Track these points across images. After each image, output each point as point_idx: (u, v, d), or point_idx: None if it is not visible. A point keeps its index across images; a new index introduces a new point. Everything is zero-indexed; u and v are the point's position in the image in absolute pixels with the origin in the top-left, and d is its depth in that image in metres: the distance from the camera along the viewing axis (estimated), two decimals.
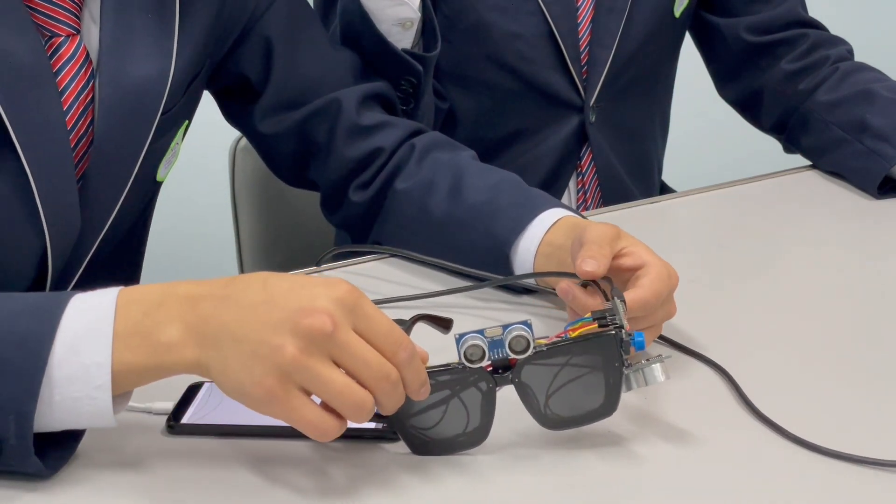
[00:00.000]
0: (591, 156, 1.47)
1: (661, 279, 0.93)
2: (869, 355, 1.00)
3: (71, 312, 0.77)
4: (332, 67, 1.25)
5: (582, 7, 1.42)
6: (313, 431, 0.76)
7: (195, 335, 0.77)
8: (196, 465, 0.82)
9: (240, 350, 0.75)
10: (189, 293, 0.78)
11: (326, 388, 0.75)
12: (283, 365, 0.75)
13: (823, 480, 0.82)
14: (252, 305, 0.77)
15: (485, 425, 0.83)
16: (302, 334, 0.75)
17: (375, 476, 0.81)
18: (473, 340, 0.81)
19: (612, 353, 0.82)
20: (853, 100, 1.42)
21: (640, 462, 0.83)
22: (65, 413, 0.77)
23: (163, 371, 0.78)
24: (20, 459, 0.77)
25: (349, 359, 0.76)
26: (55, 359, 0.76)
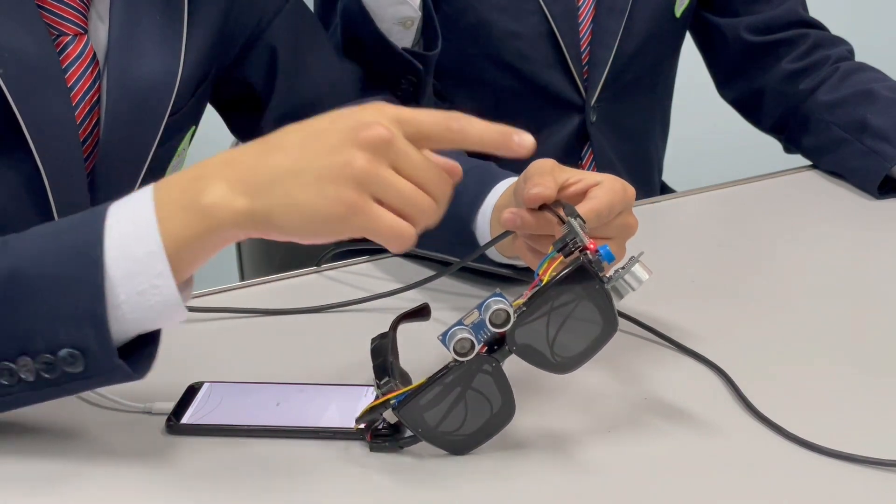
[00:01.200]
0: (592, 155, 1.47)
1: (614, 190, 0.93)
2: (869, 355, 1.00)
3: (112, 215, 0.78)
4: (337, 79, 1.25)
5: (582, 6, 1.41)
6: (396, 236, 0.77)
7: (241, 187, 0.77)
8: (196, 465, 0.82)
9: (302, 181, 0.76)
10: (223, 157, 0.79)
11: (399, 192, 0.76)
12: (356, 177, 0.75)
13: (823, 480, 0.82)
14: (299, 143, 0.78)
15: (508, 400, 0.83)
16: (365, 146, 0.76)
17: (376, 476, 0.81)
18: (458, 334, 0.80)
19: (589, 277, 0.81)
20: (854, 100, 1.42)
21: (639, 462, 0.83)
22: (135, 311, 0.77)
23: (215, 234, 0.77)
24: (106, 366, 0.77)
25: (411, 165, 0.77)
26: (109, 260, 0.76)
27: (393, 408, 0.81)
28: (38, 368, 0.77)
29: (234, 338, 1.02)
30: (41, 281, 0.76)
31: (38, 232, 0.80)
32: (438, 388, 0.81)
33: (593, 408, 0.90)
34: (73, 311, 0.76)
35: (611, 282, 0.82)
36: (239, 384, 0.91)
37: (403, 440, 0.83)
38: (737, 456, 0.84)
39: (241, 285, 1.13)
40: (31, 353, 0.77)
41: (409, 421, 0.82)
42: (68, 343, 0.76)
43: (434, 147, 0.79)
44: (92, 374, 0.78)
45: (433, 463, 0.83)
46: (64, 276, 0.76)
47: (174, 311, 0.78)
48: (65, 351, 0.77)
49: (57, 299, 0.76)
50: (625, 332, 1.02)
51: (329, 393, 0.90)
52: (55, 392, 0.79)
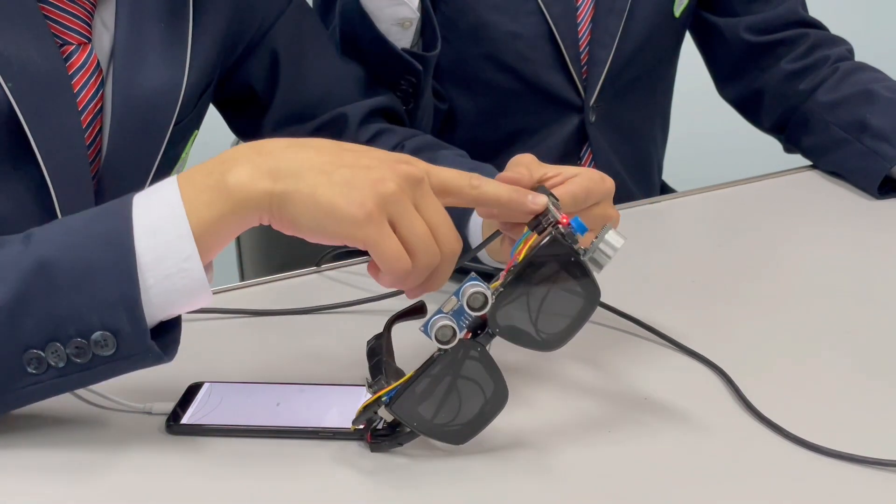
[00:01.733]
0: (592, 156, 1.47)
1: (592, 179, 0.94)
2: (869, 355, 1.00)
3: (138, 203, 0.79)
4: (340, 81, 1.25)
5: (582, 7, 1.42)
6: (394, 261, 0.79)
7: (265, 170, 0.79)
8: (196, 465, 0.82)
9: (331, 179, 0.78)
10: (252, 145, 0.81)
11: (414, 226, 0.79)
12: (385, 195, 0.78)
13: (823, 480, 0.82)
14: (334, 150, 0.81)
15: (500, 384, 0.83)
16: (401, 176, 0.79)
17: (376, 476, 0.81)
18: (438, 322, 0.80)
19: (564, 250, 0.81)
20: (853, 100, 1.42)
21: (639, 462, 0.83)
22: (162, 295, 0.78)
23: (238, 214, 0.79)
24: (139, 349, 0.78)
25: (432, 210, 0.80)
26: (139, 247, 0.77)
27: (385, 404, 0.81)
28: (69, 354, 0.78)
29: (234, 338, 1.02)
30: (73, 269, 0.77)
31: (64, 223, 0.82)
32: (427, 379, 0.81)
33: (593, 408, 0.90)
34: (106, 297, 0.77)
35: (587, 253, 0.82)
36: (239, 384, 0.91)
37: (402, 436, 0.83)
38: (737, 456, 0.84)
39: (241, 285, 1.13)
40: (61, 339, 0.78)
41: (404, 415, 0.81)
42: (100, 326, 0.78)
43: (453, 203, 0.83)
44: (123, 355, 0.79)
45: (433, 462, 0.83)
46: (96, 263, 0.77)
47: (200, 294, 0.79)
48: (98, 334, 0.78)
49: (90, 286, 0.77)
50: (625, 332, 1.02)
51: (329, 393, 0.90)
52: (83, 378, 0.80)
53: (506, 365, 0.82)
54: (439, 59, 1.33)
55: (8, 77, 0.98)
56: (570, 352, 0.97)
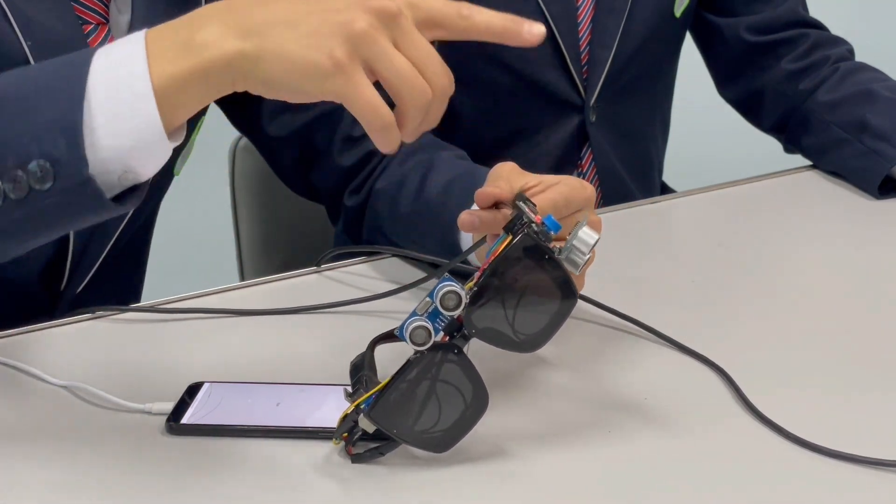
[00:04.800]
0: (592, 156, 1.47)
1: (571, 186, 0.92)
2: (869, 355, 0.99)
3: (102, 49, 0.76)
4: None
5: (582, 6, 1.41)
6: (371, 111, 0.74)
7: (235, 29, 0.75)
8: (196, 465, 0.82)
9: (297, 31, 0.74)
10: (217, 3, 0.77)
11: (392, 65, 0.74)
12: (354, 37, 0.73)
13: (823, 480, 0.82)
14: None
15: (479, 389, 0.81)
16: (372, 12, 0.74)
17: (375, 476, 0.81)
18: (413, 324, 0.79)
19: (538, 249, 0.80)
20: (854, 100, 1.42)
21: (638, 463, 0.83)
22: (110, 138, 0.74)
23: (204, 74, 0.75)
24: (76, 181, 0.74)
25: (413, 44, 0.75)
26: (92, 80, 0.74)
27: (364, 412, 0.80)
28: (5, 188, 0.74)
29: (233, 338, 1.02)
30: (18, 97, 0.74)
31: (32, 66, 0.79)
32: (404, 384, 0.79)
33: (593, 408, 0.90)
34: (46, 120, 0.73)
35: (562, 252, 0.81)
36: (239, 384, 0.91)
37: (383, 446, 0.81)
38: (737, 456, 0.84)
39: (240, 285, 1.13)
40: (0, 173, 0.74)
41: (384, 423, 0.80)
42: (38, 154, 0.73)
43: (441, 35, 0.78)
44: (60, 189, 0.74)
45: (433, 463, 0.83)
46: (43, 89, 0.74)
47: (154, 147, 0.75)
48: (34, 163, 0.73)
49: (32, 112, 0.74)
50: (625, 332, 1.02)
51: (329, 393, 0.90)
52: (25, 219, 0.75)
53: (506, 365, 0.82)
54: None
55: (27, 36, 0.98)
56: (569, 352, 0.97)
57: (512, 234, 0.81)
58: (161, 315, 1.04)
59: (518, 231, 0.81)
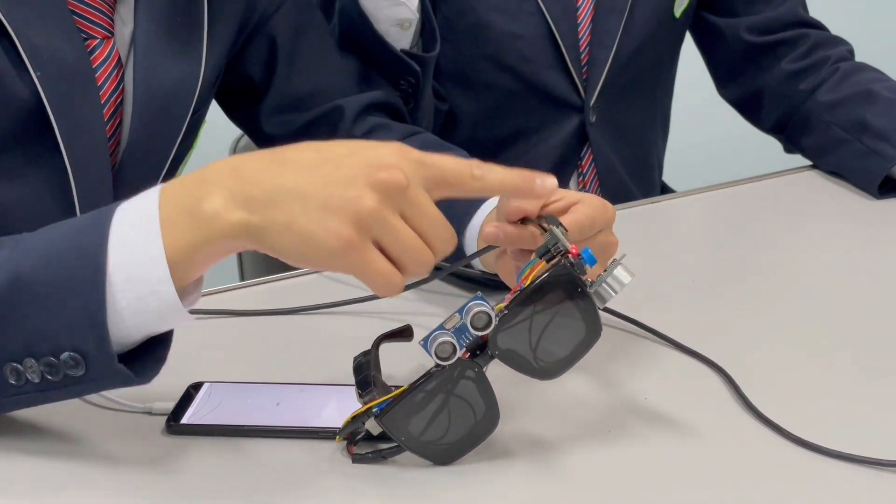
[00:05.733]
0: (592, 156, 1.47)
1: (595, 206, 0.92)
2: (869, 355, 1.00)
3: (118, 218, 0.77)
4: (337, 74, 1.25)
5: (582, 7, 1.42)
6: (384, 283, 0.75)
7: (241, 199, 0.75)
8: (196, 465, 0.82)
9: (306, 205, 0.74)
10: (231, 163, 0.77)
11: (399, 240, 0.75)
12: (362, 215, 0.73)
13: (823, 480, 0.82)
14: (312, 165, 0.76)
15: (491, 407, 0.82)
16: (378, 187, 0.74)
17: (375, 476, 0.81)
18: (439, 338, 0.79)
19: (571, 280, 0.80)
20: (854, 100, 1.42)
21: (639, 463, 0.83)
22: (135, 316, 0.76)
23: (212, 244, 0.76)
24: (107, 371, 0.77)
25: (420, 215, 0.75)
26: (112, 264, 0.75)
27: (375, 416, 0.80)
28: (42, 371, 0.77)
29: (234, 338, 1.02)
30: (45, 283, 0.76)
31: (50, 232, 0.80)
32: (420, 394, 0.80)
33: (593, 408, 0.90)
34: (74, 315, 0.76)
35: (593, 286, 0.81)
36: (239, 384, 0.91)
37: (386, 451, 0.82)
38: (736, 456, 0.84)
39: (241, 285, 1.13)
40: (35, 356, 0.77)
41: (393, 429, 0.80)
42: (69, 347, 0.76)
43: (451, 195, 0.78)
44: (93, 378, 0.77)
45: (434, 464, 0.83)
46: (66, 279, 0.76)
47: (176, 316, 0.77)
48: (66, 354, 0.76)
49: (59, 302, 0.76)
50: (625, 332, 1.02)
51: (329, 393, 0.90)
52: (60, 394, 0.79)
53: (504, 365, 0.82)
54: (439, 59, 1.33)
55: (37, 66, 1.00)
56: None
57: (546, 262, 0.82)
58: None
59: (553, 258, 0.81)
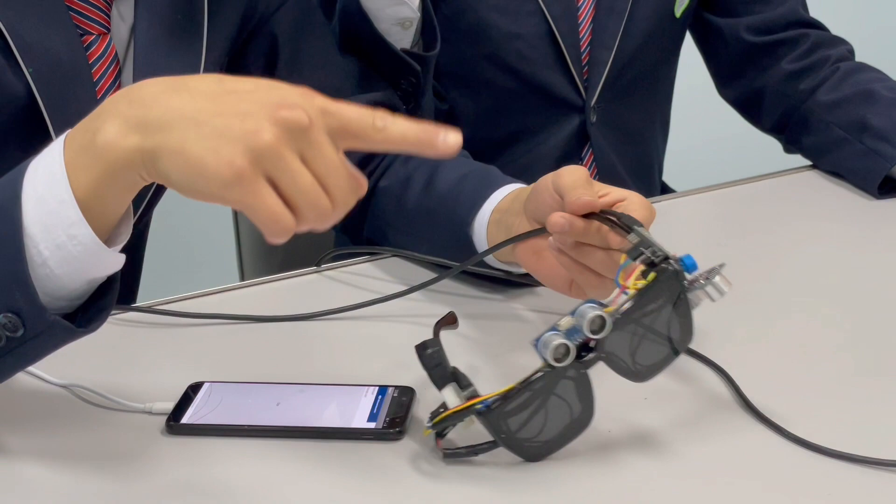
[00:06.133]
0: (592, 156, 1.47)
1: (644, 207, 0.93)
2: (869, 355, 1.00)
3: (30, 172, 0.76)
4: (337, 74, 1.25)
5: (582, 7, 1.41)
6: (273, 223, 0.72)
7: (134, 123, 0.73)
8: (196, 465, 0.82)
9: (201, 132, 0.71)
10: (128, 90, 0.75)
11: (296, 181, 0.72)
12: (258, 148, 0.70)
13: (823, 480, 0.82)
14: (213, 94, 0.73)
15: (588, 408, 0.83)
16: (279, 123, 0.71)
17: (376, 476, 0.81)
18: (555, 340, 0.80)
19: (675, 287, 0.82)
20: (854, 100, 1.42)
21: (639, 462, 0.83)
22: (63, 265, 0.75)
23: (112, 175, 0.74)
24: (43, 325, 0.76)
25: (321, 159, 0.72)
26: (27, 217, 0.74)
27: (478, 413, 0.80)
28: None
29: (233, 340, 1.02)
30: None
31: None
32: (528, 393, 0.80)
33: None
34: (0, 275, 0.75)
35: (693, 290, 0.83)
36: (239, 384, 0.91)
37: (480, 447, 0.82)
38: (736, 456, 0.84)
39: (240, 285, 1.13)
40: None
41: (495, 426, 0.80)
42: (2, 307, 0.75)
43: (355, 146, 0.76)
44: (32, 335, 0.76)
45: (433, 464, 0.82)
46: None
47: (102, 258, 0.76)
48: (1, 316, 0.75)
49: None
50: None
51: (329, 393, 0.90)
52: (12, 361, 0.78)
53: (505, 365, 0.82)
54: (439, 58, 1.33)
55: (29, 62, 0.99)
56: None
57: (644, 265, 0.83)
58: (161, 316, 1.04)
59: (652, 263, 0.83)
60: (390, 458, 0.83)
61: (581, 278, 0.93)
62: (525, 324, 1.05)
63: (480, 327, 1.01)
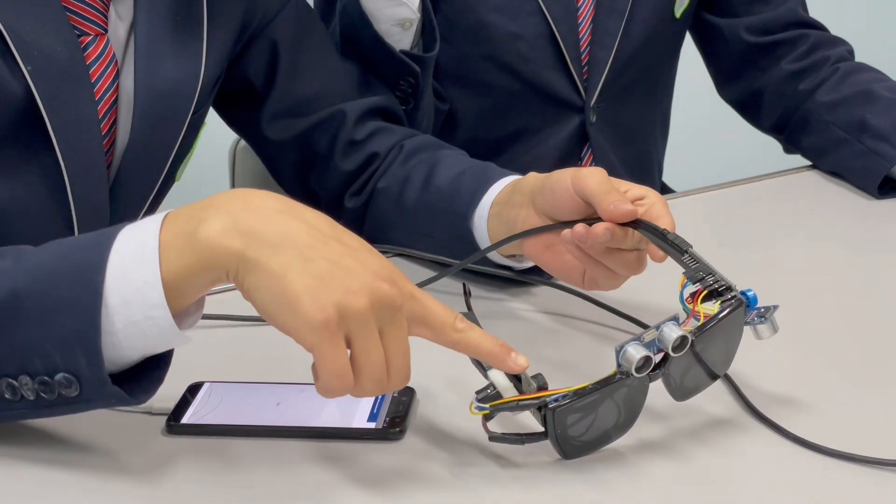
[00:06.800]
0: (592, 156, 1.47)
1: (667, 208, 0.94)
2: (869, 355, 1.00)
3: (121, 239, 0.76)
4: (338, 78, 1.25)
5: (582, 7, 1.42)
6: (336, 378, 0.75)
7: (244, 230, 0.74)
8: (196, 465, 0.82)
9: (307, 267, 0.73)
10: (245, 193, 0.76)
11: (370, 351, 0.75)
12: (351, 309, 0.73)
13: (823, 480, 0.82)
14: (325, 236, 0.75)
15: (632, 417, 0.83)
16: (376, 294, 0.74)
17: (376, 476, 0.81)
18: (641, 351, 0.80)
19: (738, 319, 0.85)
20: (853, 100, 1.42)
21: (639, 463, 0.83)
22: (130, 339, 0.76)
23: (203, 268, 0.75)
24: (100, 392, 0.76)
25: (394, 339, 0.76)
26: (109, 287, 0.74)
27: (547, 405, 0.80)
28: (37, 389, 0.77)
29: (234, 340, 1.02)
30: (42, 301, 0.75)
31: (52, 248, 0.79)
32: (596, 395, 0.80)
33: None
34: (68, 335, 0.75)
35: (748, 325, 0.86)
36: (239, 384, 0.91)
37: (528, 437, 0.81)
38: (736, 456, 0.84)
39: None
40: (30, 373, 0.76)
41: (556, 421, 0.80)
42: (63, 367, 0.76)
43: (426, 336, 0.79)
44: (87, 399, 0.77)
45: (435, 463, 0.83)
46: (63, 298, 0.75)
47: (172, 340, 0.77)
48: (60, 375, 0.76)
49: (55, 321, 0.75)
50: (625, 332, 1.01)
51: None
52: (54, 412, 0.78)
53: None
54: (439, 59, 1.33)
55: (28, 61, 0.99)
56: (569, 351, 0.97)
57: (703, 287, 0.86)
58: None
59: (716, 291, 0.86)
60: (390, 458, 0.83)
61: (597, 272, 0.95)
62: (525, 323, 1.05)
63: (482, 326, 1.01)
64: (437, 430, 0.86)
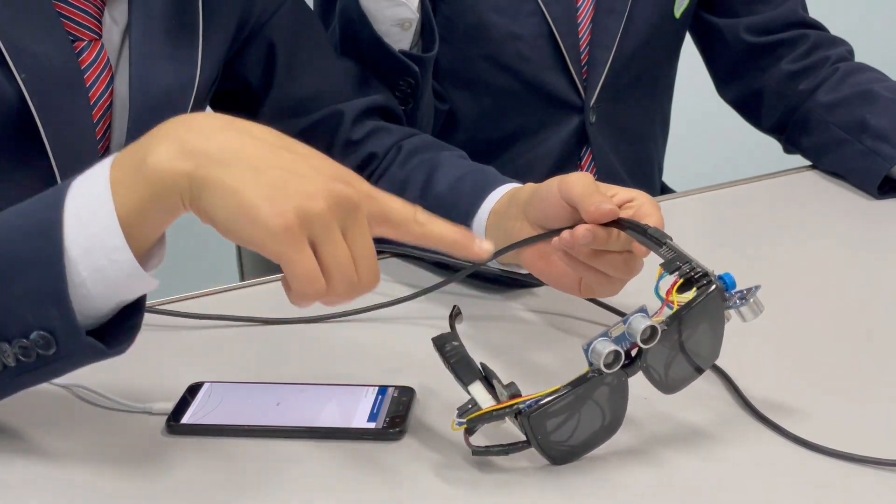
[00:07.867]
0: (592, 156, 1.47)
1: (656, 207, 0.93)
2: (869, 355, 1.00)
3: (73, 192, 0.76)
4: (336, 78, 1.25)
5: (582, 7, 1.42)
6: (308, 282, 0.74)
7: (190, 150, 0.73)
8: (196, 465, 0.82)
9: (259, 177, 0.73)
10: (189, 117, 0.76)
11: (336, 252, 0.74)
12: (311, 212, 0.73)
13: (823, 480, 0.82)
14: (273, 146, 0.75)
15: (619, 416, 0.83)
16: (333, 195, 0.74)
17: (376, 476, 0.81)
18: (608, 347, 0.80)
19: (716, 304, 0.83)
20: (853, 100, 1.42)
21: (638, 463, 0.83)
22: (97, 287, 0.75)
23: (157, 197, 0.74)
24: (76, 346, 0.76)
25: (359, 239, 0.75)
26: (68, 237, 0.74)
27: (520, 413, 0.79)
28: (16, 353, 0.76)
29: (233, 340, 1.02)
30: (7, 264, 0.75)
31: (8, 214, 0.79)
32: (572, 397, 0.80)
33: None
34: (35, 291, 0.75)
35: (729, 308, 0.84)
36: (239, 384, 0.91)
37: (511, 447, 0.81)
38: (737, 456, 0.84)
39: (241, 285, 1.13)
40: (8, 339, 0.76)
41: (534, 427, 0.80)
42: (37, 325, 0.75)
43: (390, 234, 0.78)
44: (64, 354, 0.76)
45: (436, 463, 0.83)
46: (26, 259, 0.75)
47: (139, 282, 0.76)
48: (35, 334, 0.75)
49: (22, 282, 0.75)
50: None
51: (329, 393, 0.90)
52: (39, 376, 0.78)
53: (506, 365, 0.82)
54: (439, 59, 1.33)
55: (21, 68, 0.99)
56: (569, 351, 0.97)
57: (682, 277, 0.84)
58: (161, 316, 1.04)
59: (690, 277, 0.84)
60: (390, 458, 0.83)
61: (591, 278, 0.94)
62: (525, 324, 1.05)
63: (480, 327, 1.01)
64: (437, 430, 0.86)
